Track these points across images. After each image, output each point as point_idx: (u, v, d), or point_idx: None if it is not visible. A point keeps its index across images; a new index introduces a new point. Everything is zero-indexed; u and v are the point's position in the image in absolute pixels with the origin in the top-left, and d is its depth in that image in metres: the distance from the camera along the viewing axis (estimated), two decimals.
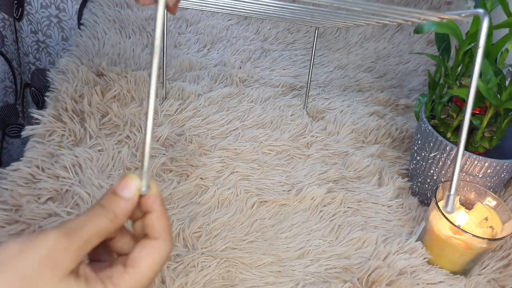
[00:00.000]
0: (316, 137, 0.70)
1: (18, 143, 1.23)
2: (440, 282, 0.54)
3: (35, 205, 0.53)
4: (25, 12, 1.06)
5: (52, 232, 0.30)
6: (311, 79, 0.84)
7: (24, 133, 0.61)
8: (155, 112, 0.70)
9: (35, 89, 1.18)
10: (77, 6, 1.05)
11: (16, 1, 1.05)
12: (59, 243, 0.29)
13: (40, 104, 1.20)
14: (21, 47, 1.12)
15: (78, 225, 0.31)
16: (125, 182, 0.33)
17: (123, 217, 0.32)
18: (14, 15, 1.07)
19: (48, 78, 0.70)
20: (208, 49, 0.86)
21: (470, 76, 0.32)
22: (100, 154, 0.61)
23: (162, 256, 0.33)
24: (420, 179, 0.63)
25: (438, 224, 0.53)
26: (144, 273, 0.32)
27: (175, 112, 0.70)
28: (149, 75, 0.31)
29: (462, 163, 0.56)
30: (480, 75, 0.57)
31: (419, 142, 0.61)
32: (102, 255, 0.35)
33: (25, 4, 1.05)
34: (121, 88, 0.71)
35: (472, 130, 0.59)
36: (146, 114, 0.32)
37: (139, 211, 0.34)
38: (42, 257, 0.29)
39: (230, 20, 0.94)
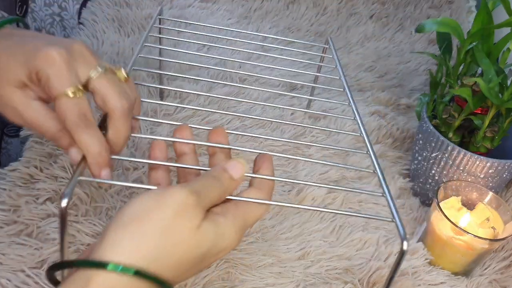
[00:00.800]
0: (317, 137, 0.70)
1: (17, 142, 1.23)
2: (441, 283, 0.53)
3: (34, 205, 0.53)
4: (29, 10, 1.05)
5: (181, 190, 0.33)
6: (312, 79, 0.83)
7: (22, 133, 0.61)
8: (154, 111, 0.69)
9: None
10: (78, 6, 1.04)
11: None
12: (189, 200, 0.33)
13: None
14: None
15: (202, 187, 0.34)
16: (234, 163, 0.37)
17: (228, 193, 0.36)
18: (18, 13, 1.07)
19: None
20: (208, 48, 0.85)
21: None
22: None
23: (267, 206, 0.38)
24: (421, 180, 0.62)
25: (440, 224, 0.53)
26: (252, 213, 0.37)
27: (174, 112, 0.70)
28: None
29: (464, 163, 0.56)
30: (482, 75, 0.57)
31: (421, 142, 0.60)
32: None
33: (30, 2, 1.04)
34: None
35: (473, 130, 0.59)
36: None
37: None
38: (176, 211, 0.32)
39: (230, 19, 0.94)
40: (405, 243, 0.35)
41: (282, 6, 0.99)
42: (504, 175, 0.57)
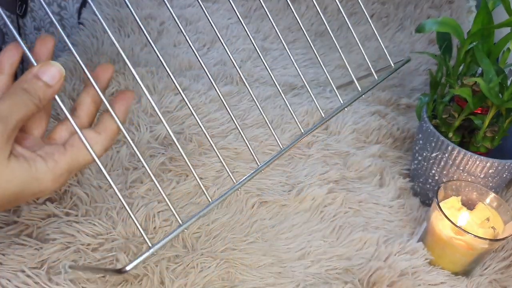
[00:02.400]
0: (317, 137, 0.70)
1: None
2: (441, 283, 0.53)
3: (34, 205, 0.53)
4: (28, 9, 1.05)
5: None
6: (311, 79, 0.83)
7: None
8: (153, 108, 0.69)
9: None
10: (78, 5, 1.04)
11: None
12: None
13: None
14: (24, 44, 1.11)
15: (6, 112, 0.32)
16: (45, 67, 0.34)
17: (46, 102, 0.34)
18: (18, 12, 1.07)
19: None
20: (208, 48, 0.85)
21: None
22: None
23: (100, 149, 0.36)
24: (421, 180, 0.62)
25: (440, 224, 0.53)
26: (82, 156, 0.35)
27: (174, 109, 0.70)
28: None
29: (464, 163, 0.56)
30: (482, 74, 0.56)
31: (421, 142, 0.60)
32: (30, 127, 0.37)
33: (29, 1, 1.04)
34: (119, 84, 0.70)
35: (473, 130, 0.59)
36: None
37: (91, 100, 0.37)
38: None
39: (230, 19, 0.94)
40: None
41: (282, 6, 0.99)
42: (504, 175, 0.57)
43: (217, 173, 0.62)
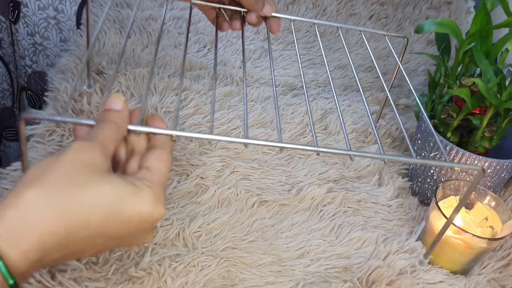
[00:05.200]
0: (317, 137, 0.70)
1: (15, 146, 1.22)
2: (440, 281, 0.54)
3: None
4: (21, 15, 1.05)
5: (71, 144, 0.33)
6: (311, 79, 0.84)
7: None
8: (155, 108, 0.69)
9: (31, 92, 1.17)
10: (76, 8, 1.04)
11: (12, 4, 1.04)
12: (82, 146, 0.33)
13: (37, 108, 1.19)
14: (17, 50, 1.11)
15: (91, 135, 0.35)
16: (111, 99, 0.39)
17: (123, 125, 0.38)
18: (10, 17, 1.06)
19: (47, 78, 0.70)
20: (208, 49, 0.86)
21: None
22: None
23: (169, 160, 0.39)
24: (420, 179, 0.63)
25: (438, 223, 0.53)
26: (163, 169, 0.38)
27: (175, 109, 0.70)
28: None
29: (463, 163, 0.56)
30: (480, 75, 0.57)
31: (419, 142, 0.61)
32: None
33: (22, 7, 1.04)
34: (120, 85, 0.71)
35: (472, 130, 0.59)
36: None
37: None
38: (72, 159, 0.32)
39: None
40: None
41: (282, 7, 1.00)
42: (503, 175, 0.57)
43: (217, 173, 0.62)
